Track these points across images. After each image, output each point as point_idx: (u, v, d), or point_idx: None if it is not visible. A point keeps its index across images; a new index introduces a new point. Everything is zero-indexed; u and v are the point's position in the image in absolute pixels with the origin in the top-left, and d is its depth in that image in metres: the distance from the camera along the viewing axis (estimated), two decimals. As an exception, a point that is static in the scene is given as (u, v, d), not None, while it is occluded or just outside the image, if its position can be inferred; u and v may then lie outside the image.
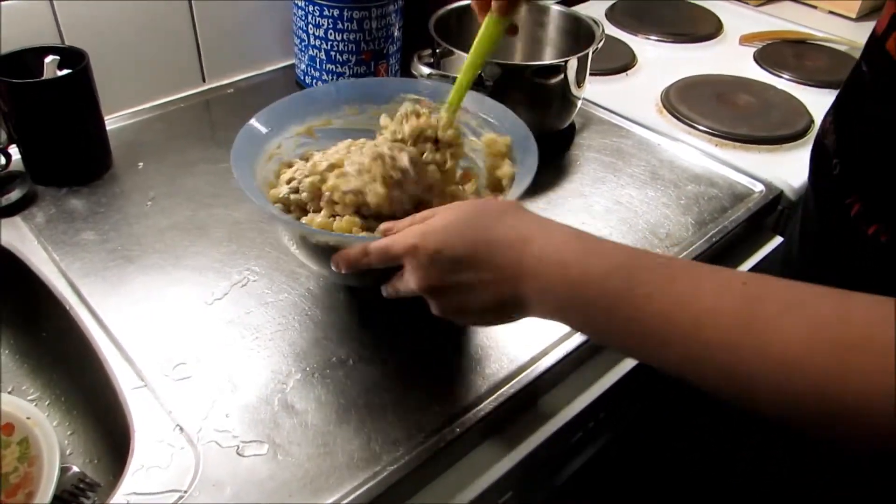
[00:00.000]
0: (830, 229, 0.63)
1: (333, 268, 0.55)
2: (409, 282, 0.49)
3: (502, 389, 0.58)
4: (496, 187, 0.63)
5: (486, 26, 0.61)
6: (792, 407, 0.37)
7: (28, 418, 0.59)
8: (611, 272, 0.42)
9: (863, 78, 0.61)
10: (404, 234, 0.49)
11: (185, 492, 0.50)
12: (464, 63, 0.62)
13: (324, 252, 0.56)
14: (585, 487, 0.77)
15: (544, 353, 0.61)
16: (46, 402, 0.70)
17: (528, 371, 0.60)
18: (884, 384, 0.34)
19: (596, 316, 0.43)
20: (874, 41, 0.59)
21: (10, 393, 0.69)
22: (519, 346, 0.62)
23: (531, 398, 0.61)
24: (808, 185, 0.70)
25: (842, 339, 0.36)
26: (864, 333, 0.35)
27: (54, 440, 0.58)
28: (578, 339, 0.63)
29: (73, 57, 0.75)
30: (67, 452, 0.66)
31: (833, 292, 0.38)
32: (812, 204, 0.68)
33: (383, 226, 0.53)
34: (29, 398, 0.69)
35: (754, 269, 0.78)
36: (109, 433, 0.64)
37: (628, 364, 0.65)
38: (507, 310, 0.48)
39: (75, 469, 0.62)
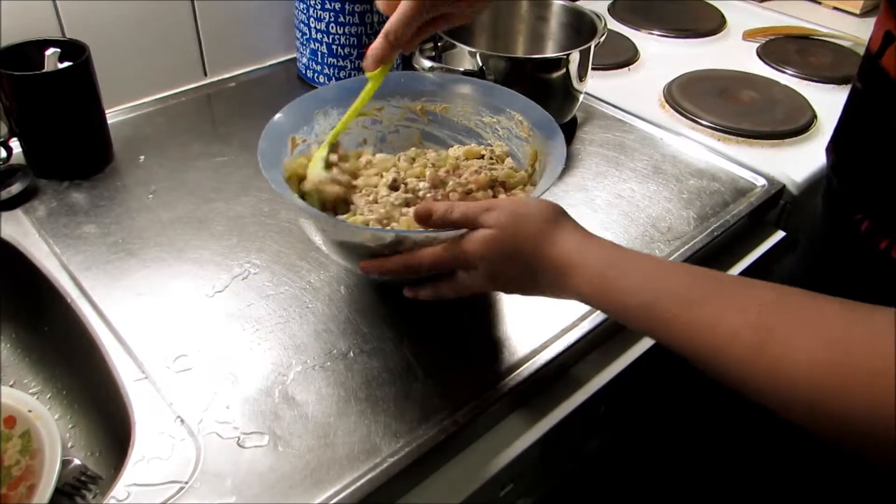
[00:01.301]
0: (840, 242, 0.63)
1: (359, 269, 0.56)
2: (472, 285, 0.54)
3: (503, 382, 0.58)
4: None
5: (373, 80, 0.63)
6: (802, 421, 0.40)
7: (30, 411, 0.59)
8: (644, 296, 0.46)
9: (859, 96, 0.61)
10: (471, 245, 0.52)
11: (186, 483, 0.50)
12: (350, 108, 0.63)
13: (356, 250, 0.57)
14: (585, 485, 0.77)
15: (544, 347, 0.61)
16: (48, 396, 0.70)
17: (528, 364, 0.60)
18: (883, 401, 0.35)
19: (632, 323, 0.49)
20: (868, 58, 0.59)
21: (11, 386, 0.69)
22: (521, 340, 0.62)
23: (531, 392, 0.61)
24: (820, 198, 0.70)
25: (844, 360, 0.37)
26: (865, 352, 0.37)
27: (56, 433, 0.58)
28: (577, 333, 0.63)
29: (74, 50, 0.75)
30: (69, 445, 0.66)
31: (841, 306, 0.40)
32: (821, 217, 0.68)
33: (422, 208, 0.54)
34: (31, 391, 0.69)
35: (756, 263, 0.78)
36: (111, 426, 0.65)
37: (627, 362, 0.65)
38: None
39: (77, 462, 0.62)
